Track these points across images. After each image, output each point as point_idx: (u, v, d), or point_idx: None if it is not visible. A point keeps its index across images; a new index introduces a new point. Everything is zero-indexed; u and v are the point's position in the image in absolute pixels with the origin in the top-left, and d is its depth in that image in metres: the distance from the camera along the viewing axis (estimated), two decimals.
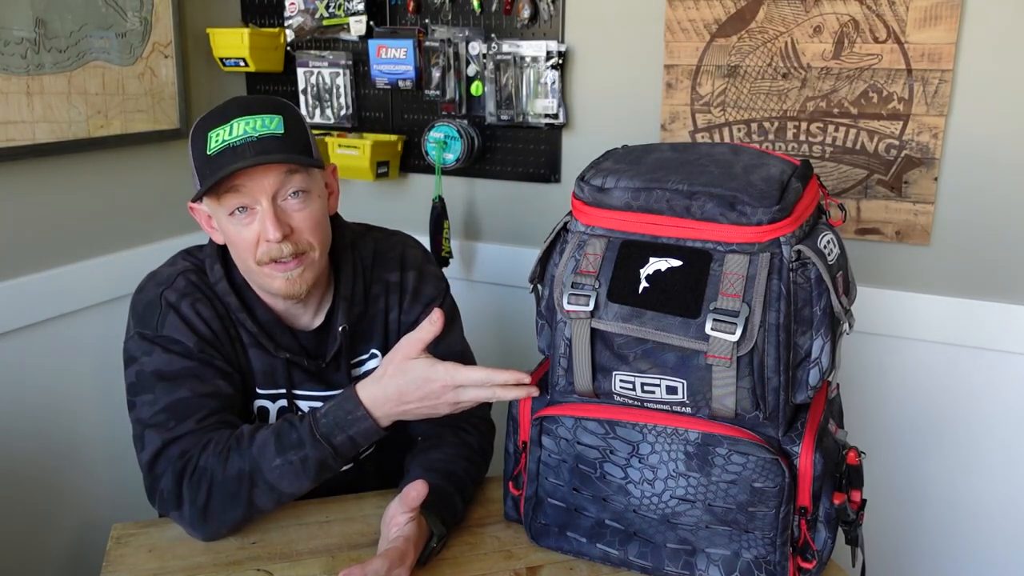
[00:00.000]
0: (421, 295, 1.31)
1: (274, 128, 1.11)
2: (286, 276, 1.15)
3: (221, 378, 1.17)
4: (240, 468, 1.09)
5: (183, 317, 1.17)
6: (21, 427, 1.71)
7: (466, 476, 1.20)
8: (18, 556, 1.73)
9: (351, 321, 1.25)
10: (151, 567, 1.09)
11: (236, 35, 2.00)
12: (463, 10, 1.91)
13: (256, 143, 1.09)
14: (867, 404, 1.75)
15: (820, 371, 0.98)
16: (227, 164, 1.08)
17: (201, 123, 1.14)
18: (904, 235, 1.66)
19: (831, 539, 1.02)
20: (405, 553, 1.02)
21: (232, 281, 1.21)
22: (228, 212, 1.13)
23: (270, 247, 1.13)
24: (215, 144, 1.10)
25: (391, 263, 1.31)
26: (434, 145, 1.95)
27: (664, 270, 0.98)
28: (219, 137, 1.10)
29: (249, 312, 1.21)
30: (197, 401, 1.14)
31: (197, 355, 1.16)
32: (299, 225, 1.14)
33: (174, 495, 1.10)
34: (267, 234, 1.11)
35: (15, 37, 1.61)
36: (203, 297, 1.19)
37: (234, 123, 1.10)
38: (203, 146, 1.11)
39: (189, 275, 1.20)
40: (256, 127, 1.10)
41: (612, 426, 1.03)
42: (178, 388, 1.14)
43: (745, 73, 1.71)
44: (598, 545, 1.08)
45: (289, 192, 1.13)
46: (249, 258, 1.14)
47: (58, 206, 1.75)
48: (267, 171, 1.10)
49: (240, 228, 1.13)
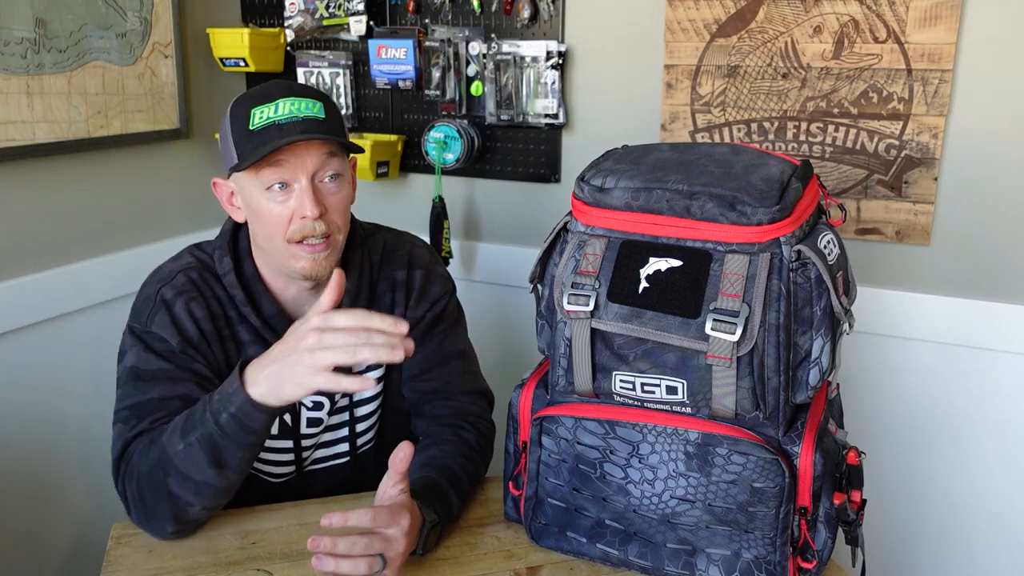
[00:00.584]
0: (427, 294, 1.32)
1: (316, 112, 1.15)
2: (313, 257, 1.17)
3: (195, 383, 1.17)
4: (155, 459, 1.08)
5: (173, 316, 1.18)
6: (21, 427, 1.71)
7: (462, 472, 1.20)
8: (18, 556, 1.73)
9: None
10: (151, 567, 1.09)
11: (236, 35, 2.00)
12: (463, 10, 1.91)
13: (301, 123, 1.12)
14: (867, 404, 1.75)
15: (820, 371, 0.98)
16: (272, 139, 1.11)
17: (242, 100, 1.16)
18: (904, 235, 1.66)
19: (831, 539, 1.02)
20: (396, 513, 1.00)
21: (240, 274, 1.23)
22: (265, 187, 1.14)
23: (304, 224, 1.15)
24: (259, 120, 1.13)
25: (399, 261, 1.32)
26: (434, 145, 1.95)
27: (664, 270, 0.98)
28: (264, 114, 1.13)
29: (255, 306, 1.22)
30: (162, 404, 1.14)
31: (177, 356, 1.17)
32: (332, 206, 1.17)
33: (122, 498, 1.13)
34: (304, 210, 1.13)
35: (15, 37, 1.61)
36: (199, 296, 1.20)
37: (280, 102, 1.13)
38: (245, 122, 1.14)
39: (191, 272, 1.22)
40: (301, 109, 1.13)
41: (612, 426, 1.03)
42: (150, 388, 1.15)
43: (745, 73, 1.71)
44: (598, 545, 1.08)
45: (327, 174, 1.16)
46: (279, 235, 1.16)
47: (58, 206, 1.75)
48: (310, 149, 1.13)
49: (275, 204, 1.15)
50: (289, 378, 0.99)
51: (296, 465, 1.30)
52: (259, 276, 1.23)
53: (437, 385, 1.32)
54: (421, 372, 1.32)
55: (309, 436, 1.29)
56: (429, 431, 1.30)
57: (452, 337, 1.34)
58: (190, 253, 1.26)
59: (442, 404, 1.32)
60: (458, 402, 1.32)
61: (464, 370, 1.35)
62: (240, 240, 1.25)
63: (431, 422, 1.31)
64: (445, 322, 1.34)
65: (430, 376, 1.32)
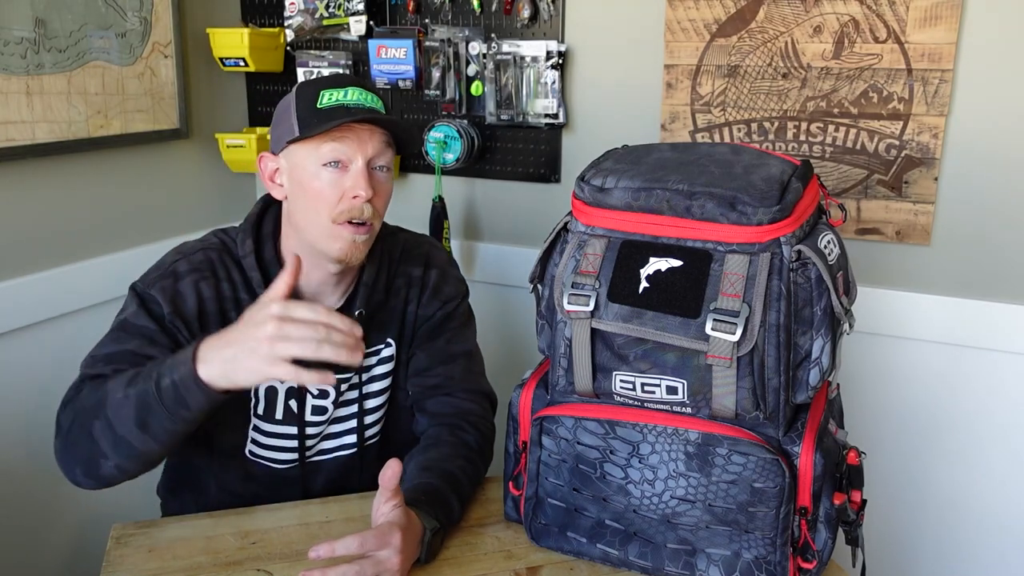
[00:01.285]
0: (441, 292, 1.35)
1: (380, 107, 1.21)
2: (353, 239, 1.19)
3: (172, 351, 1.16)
4: (94, 399, 1.08)
5: (177, 288, 1.20)
6: (21, 427, 1.71)
7: (462, 475, 1.20)
8: (18, 556, 1.73)
9: (369, 308, 1.28)
10: (151, 567, 1.09)
11: (236, 35, 2.00)
12: (463, 10, 1.91)
13: (367, 110, 1.18)
14: (867, 404, 1.75)
15: (820, 371, 0.98)
16: (339, 117, 1.15)
17: (310, 83, 1.21)
18: (904, 235, 1.66)
19: (831, 539, 1.02)
20: (386, 534, 1.00)
21: (260, 256, 1.25)
22: (323, 162, 1.17)
23: (354, 204, 1.18)
24: (329, 100, 1.18)
25: (417, 259, 1.36)
26: (434, 145, 1.95)
27: (664, 270, 0.98)
28: (334, 97, 1.18)
29: None
30: (132, 358, 1.15)
31: (166, 323, 1.18)
32: (381, 193, 1.22)
33: (56, 423, 1.13)
34: (358, 189, 1.17)
35: (15, 37, 1.61)
36: (212, 276, 1.22)
37: (350, 89, 1.19)
38: (313, 101, 1.18)
39: (210, 252, 1.25)
40: (368, 100, 1.20)
41: (612, 426, 1.03)
42: (128, 340, 1.17)
43: (745, 73, 1.71)
44: (598, 545, 1.08)
45: (380, 162, 1.21)
46: (326, 211, 1.18)
47: (58, 206, 1.75)
48: (372, 135, 1.19)
49: (326, 182, 1.18)
50: (245, 364, 0.97)
51: (299, 453, 1.30)
52: (278, 260, 1.25)
53: (440, 381, 1.33)
54: (426, 368, 1.33)
55: (314, 424, 1.29)
56: (429, 431, 1.30)
57: (460, 337, 1.36)
58: (215, 235, 1.29)
59: (444, 401, 1.32)
60: (460, 400, 1.32)
61: (468, 369, 1.35)
62: (264, 225, 1.28)
63: (432, 419, 1.31)
64: (455, 322, 1.36)
65: (434, 372, 1.33)
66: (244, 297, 1.23)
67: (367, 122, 1.17)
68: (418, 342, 1.34)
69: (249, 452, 1.29)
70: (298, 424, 1.28)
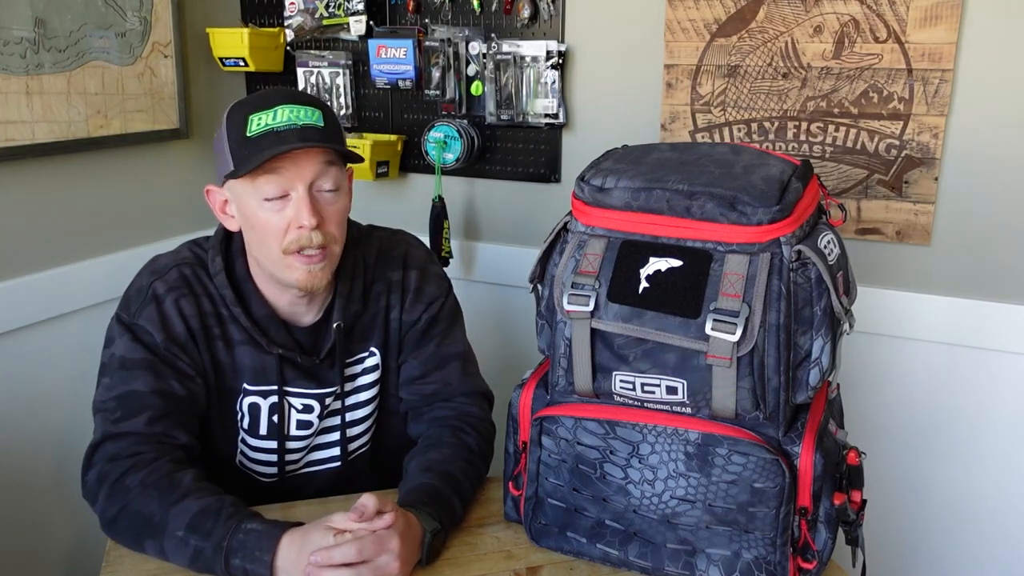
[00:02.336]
0: (423, 294, 1.31)
1: (315, 120, 1.13)
2: (308, 268, 1.15)
3: (177, 379, 1.17)
4: (151, 513, 1.08)
5: (162, 312, 1.18)
6: (21, 427, 1.71)
7: (463, 476, 1.20)
8: (18, 557, 1.73)
9: (348, 319, 1.25)
10: (151, 567, 1.09)
11: (236, 35, 2.00)
12: (463, 10, 1.91)
13: (300, 131, 1.11)
14: (867, 404, 1.75)
15: (820, 371, 0.98)
16: (270, 146, 1.10)
17: (239, 107, 1.15)
18: (904, 235, 1.66)
19: (831, 539, 1.02)
20: (383, 539, 1.01)
21: (231, 273, 1.22)
22: (263, 197, 1.13)
23: (300, 234, 1.13)
24: (257, 127, 1.11)
25: (394, 262, 1.31)
26: (434, 145, 1.95)
27: (664, 270, 0.98)
28: (262, 121, 1.11)
29: (244, 307, 1.21)
30: (148, 398, 1.15)
31: (162, 352, 1.17)
32: (330, 217, 1.16)
33: (93, 492, 1.14)
34: (301, 219, 1.12)
35: (15, 37, 1.61)
36: (190, 293, 1.20)
37: (278, 109, 1.12)
38: (242, 128, 1.12)
39: (184, 268, 1.21)
40: (299, 116, 1.12)
41: (612, 426, 1.03)
42: (133, 379, 1.15)
43: (745, 73, 1.71)
44: (598, 545, 1.08)
45: (324, 184, 1.15)
46: (275, 245, 1.15)
47: (58, 206, 1.75)
48: (309, 158, 1.12)
49: (271, 214, 1.14)
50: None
51: (279, 468, 1.29)
52: (250, 277, 1.23)
53: (437, 388, 1.31)
54: (420, 375, 1.31)
55: (300, 438, 1.28)
56: (429, 431, 1.29)
57: (450, 338, 1.33)
58: (188, 248, 1.25)
59: (442, 406, 1.31)
60: (458, 404, 1.32)
61: (463, 371, 1.34)
62: (234, 240, 1.24)
63: (431, 423, 1.30)
64: (442, 323, 1.33)
65: (430, 379, 1.31)
66: (224, 312, 1.21)
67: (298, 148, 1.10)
68: (408, 349, 1.31)
69: (240, 463, 1.29)
70: (278, 439, 1.26)
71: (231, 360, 1.22)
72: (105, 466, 1.13)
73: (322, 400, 1.26)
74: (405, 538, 1.03)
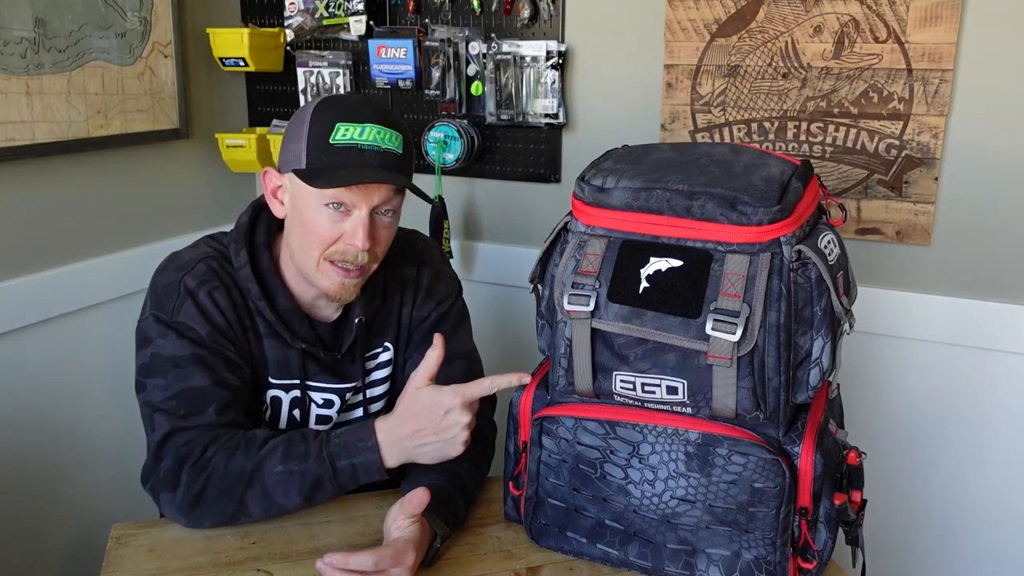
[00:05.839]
0: (435, 292, 1.34)
1: (396, 146, 1.15)
2: (343, 281, 1.17)
3: (229, 370, 1.18)
4: (242, 467, 1.10)
5: (199, 305, 1.17)
6: (22, 426, 1.71)
7: (468, 477, 1.20)
8: (18, 556, 1.73)
9: (368, 314, 1.27)
10: (151, 567, 1.09)
11: (236, 35, 2.00)
12: (463, 10, 1.91)
13: (382, 154, 1.13)
14: (867, 404, 1.75)
15: (821, 371, 0.98)
16: (351, 163, 1.11)
17: (329, 106, 1.15)
18: (904, 235, 1.66)
19: (831, 539, 1.02)
20: (402, 553, 1.02)
21: (256, 268, 1.22)
22: (323, 202, 1.13)
23: (348, 251, 1.15)
24: (343, 137, 1.12)
25: (410, 259, 1.34)
26: (434, 145, 1.95)
27: (664, 270, 0.98)
28: (348, 133, 1.12)
29: (269, 301, 1.22)
30: (210, 391, 1.15)
31: (209, 344, 1.17)
32: (380, 239, 1.18)
33: (172, 476, 1.12)
34: (355, 239, 1.14)
35: (15, 37, 1.61)
36: (221, 285, 1.20)
37: (367, 127, 1.13)
38: (327, 131, 1.12)
39: (210, 262, 1.21)
40: (384, 140, 1.14)
41: (612, 426, 1.03)
42: (190, 376, 1.15)
43: (745, 73, 1.71)
44: (598, 545, 1.08)
45: (385, 208, 1.17)
46: (318, 249, 1.16)
47: (58, 206, 1.75)
48: (380, 186, 1.14)
49: (326, 221, 1.14)
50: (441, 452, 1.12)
51: None
52: (276, 271, 1.23)
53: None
54: None
55: None
56: None
57: (457, 338, 1.34)
58: (206, 243, 1.25)
59: None
60: None
61: (468, 371, 1.34)
62: (257, 234, 1.24)
63: None
64: (450, 321, 1.34)
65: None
66: (251, 305, 1.21)
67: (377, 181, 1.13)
68: (415, 345, 1.33)
69: None
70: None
71: (260, 352, 1.23)
72: (181, 450, 1.12)
73: (343, 395, 1.28)
74: (419, 550, 1.05)
